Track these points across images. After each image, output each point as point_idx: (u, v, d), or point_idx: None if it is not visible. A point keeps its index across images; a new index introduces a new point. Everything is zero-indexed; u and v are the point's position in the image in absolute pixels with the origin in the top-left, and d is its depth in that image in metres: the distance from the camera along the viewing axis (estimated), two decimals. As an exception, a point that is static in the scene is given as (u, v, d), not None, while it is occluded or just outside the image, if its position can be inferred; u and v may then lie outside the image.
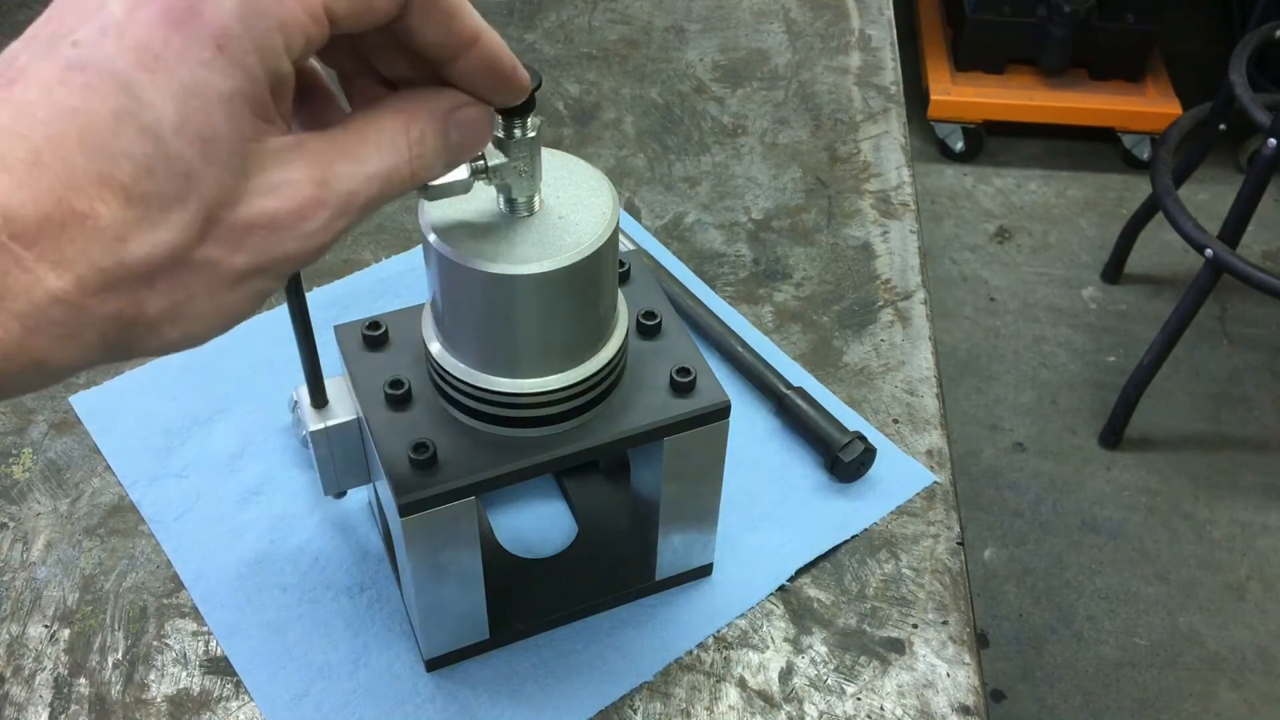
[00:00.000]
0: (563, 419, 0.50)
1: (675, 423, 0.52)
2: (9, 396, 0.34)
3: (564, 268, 0.45)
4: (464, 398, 0.49)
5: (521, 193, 0.46)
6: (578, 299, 0.47)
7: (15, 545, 0.63)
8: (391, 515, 0.51)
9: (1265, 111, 1.78)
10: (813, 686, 0.58)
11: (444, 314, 0.48)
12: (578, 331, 0.48)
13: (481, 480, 0.49)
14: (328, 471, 0.55)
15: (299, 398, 0.54)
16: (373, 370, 0.52)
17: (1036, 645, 1.74)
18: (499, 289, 0.45)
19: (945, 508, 0.67)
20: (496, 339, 0.47)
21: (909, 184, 0.89)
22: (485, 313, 0.46)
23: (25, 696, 0.57)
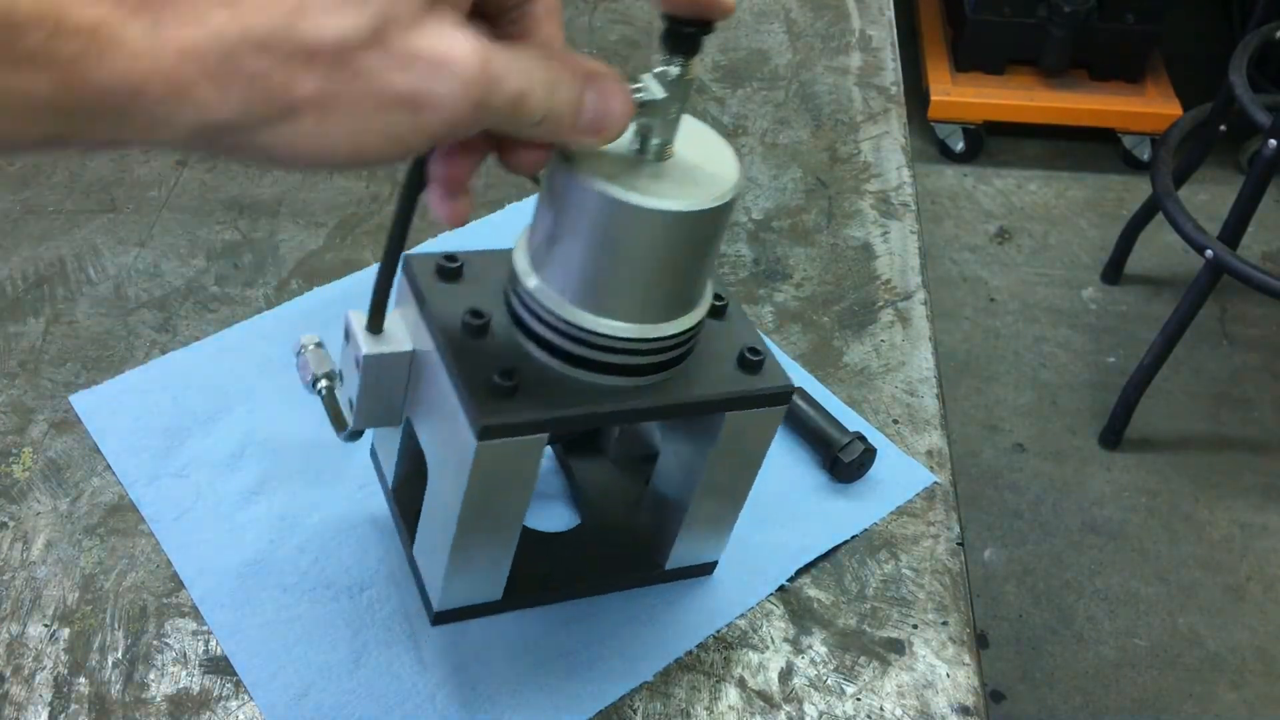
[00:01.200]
0: (642, 372, 0.50)
1: (742, 397, 0.52)
2: (129, 138, 0.35)
3: (703, 210, 0.45)
4: (554, 334, 0.49)
5: (662, 134, 0.46)
6: (699, 249, 0.47)
7: (15, 544, 0.63)
8: (453, 445, 0.49)
9: (1265, 112, 1.78)
10: (812, 687, 0.58)
11: (554, 246, 0.48)
12: (686, 283, 0.49)
13: (563, 417, 0.49)
14: (366, 403, 0.53)
15: (352, 321, 0.53)
16: (448, 300, 0.51)
17: (1036, 646, 1.74)
18: (633, 223, 0.45)
19: (945, 508, 0.67)
20: (611, 276, 0.47)
21: (909, 184, 0.89)
22: (607, 247, 0.46)
23: (25, 696, 0.57)
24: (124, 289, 0.79)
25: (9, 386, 0.72)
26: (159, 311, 0.77)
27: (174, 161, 0.90)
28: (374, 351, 0.52)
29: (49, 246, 0.82)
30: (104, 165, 0.90)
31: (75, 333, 0.76)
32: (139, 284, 0.79)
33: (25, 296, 0.78)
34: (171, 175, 0.89)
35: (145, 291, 0.79)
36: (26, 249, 0.82)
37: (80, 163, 0.90)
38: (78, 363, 0.73)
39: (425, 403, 0.52)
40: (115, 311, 0.77)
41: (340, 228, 0.85)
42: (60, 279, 0.80)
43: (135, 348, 0.75)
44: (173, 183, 0.88)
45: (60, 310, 0.77)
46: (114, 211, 0.85)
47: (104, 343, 0.75)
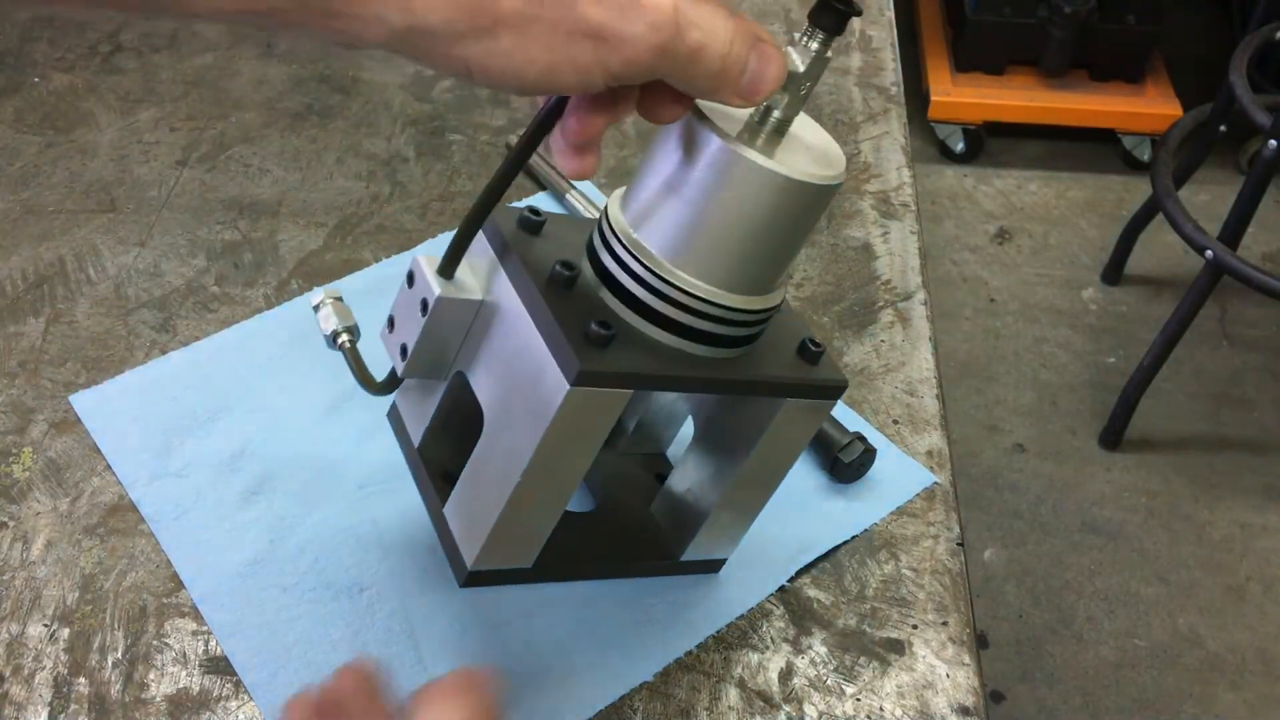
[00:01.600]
0: (723, 343, 0.51)
1: (804, 385, 0.53)
2: (338, 28, 0.39)
3: (816, 184, 0.47)
4: (647, 292, 0.49)
5: (786, 110, 0.47)
6: (799, 224, 0.48)
7: (15, 544, 0.63)
8: (532, 394, 0.49)
9: (1265, 113, 1.78)
10: (812, 687, 0.58)
11: (661, 203, 0.48)
12: (780, 259, 0.50)
13: (654, 374, 0.49)
14: (422, 350, 0.53)
15: (423, 264, 0.52)
16: (533, 252, 0.51)
17: (1036, 646, 1.74)
18: (751, 182, 0.46)
19: (945, 508, 0.67)
20: (716, 236, 0.47)
21: (909, 185, 0.89)
22: (719, 205, 0.47)
23: (25, 696, 0.57)
24: (124, 289, 0.79)
25: (9, 386, 0.72)
26: (159, 311, 0.77)
27: (174, 162, 0.90)
28: (447, 294, 0.51)
29: (49, 246, 0.82)
30: (104, 166, 0.90)
31: (75, 333, 0.76)
32: (139, 284, 0.79)
33: (25, 296, 0.78)
34: (171, 175, 0.89)
35: (145, 291, 0.79)
36: (26, 249, 0.82)
37: (80, 163, 0.90)
38: (78, 363, 0.73)
39: (494, 354, 0.52)
40: (115, 311, 0.77)
41: (340, 227, 0.85)
42: (60, 279, 0.80)
43: (135, 348, 0.75)
44: (173, 183, 0.88)
45: (60, 310, 0.77)
46: (114, 211, 0.85)
47: (104, 343, 0.75)
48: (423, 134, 0.94)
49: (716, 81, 0.43)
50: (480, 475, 0.54)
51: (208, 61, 1.01)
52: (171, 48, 1.03)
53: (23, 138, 0.92)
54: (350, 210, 0.86)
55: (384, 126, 0.94)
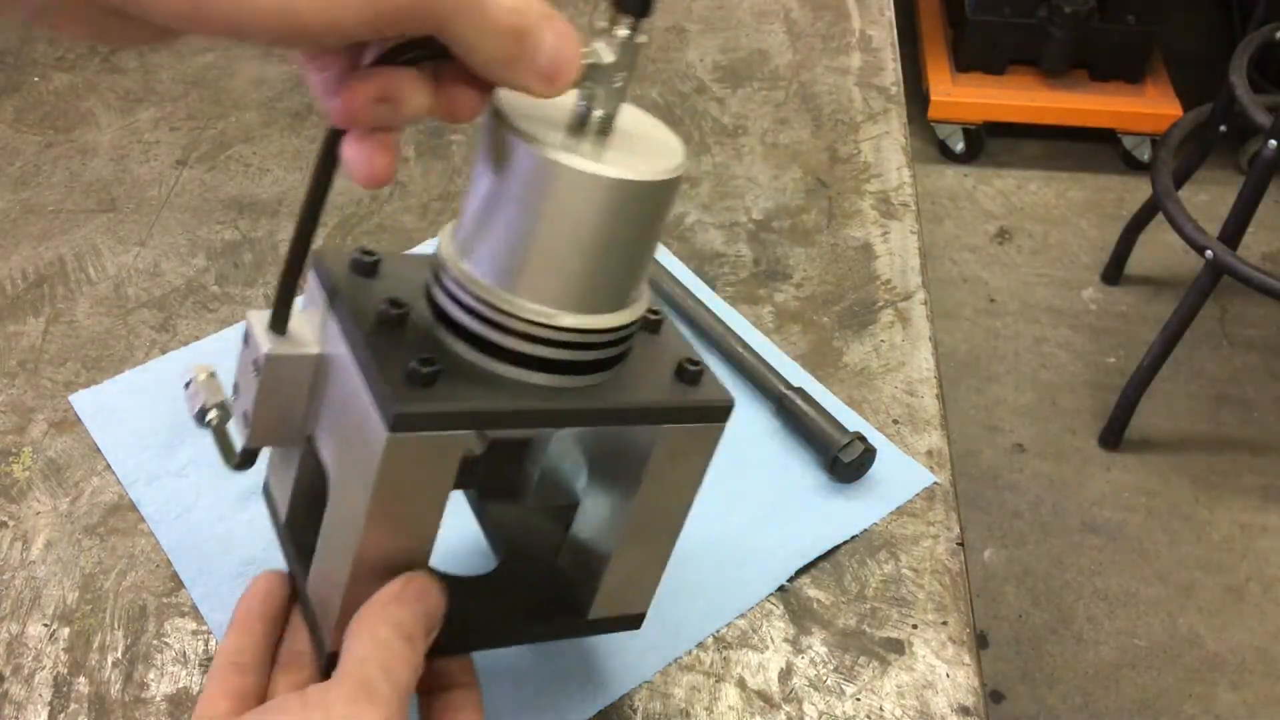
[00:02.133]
0: (571, 370, 0.46)
1: (680, 408, 0.48)
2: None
3: (643, 182, 0.42)
4: (476, 321, 0.45)
5: (606, 106, 0.43)
6: (635, 230, 0.44)
7: (15, 544, 0.63)
8: (359, 448, 0.44)
9: (1266, 113, 1.78)
10: (812, 687, 0.58)
11: (481, 224, 0.44)
12: (619, 271, 0.45)
13: (486, 411, 0.44)
14: (263, 414, 0.48)
15: (253, 321, 0.47)
16: (363, 295, 0.46)
17: (1036, 646, 1.74)
18: (568, 189, 0.41)
19: (945, 508, 0.67)
20: (538, 251, 0.43)
21: (909, 184, 0.89)
22: (536, 217, 0.42)
23: (25, 695, 0.57)
24: (124, 288, 0.79)
25: (9, 386, 0.72)
26: (159, 311, 0.77)
27: (174, 161, 0.90)
28: (277, 351, 0.46)
29: (49, 246, 0.82)
30: (104, 165, 0.90)
31: (75, 332, 0.76)
32: (139, 283, 0.79)
33: (25, 296, 0.78)
34: (171, 175, 0.89)
35: (145, 291, 0.79)
36: (26, 248, 0.82)
37: (80, 162, 0.90)
38: (77, 362, 0.73)
39: (331, 410, 0.47)
40: (115, 311, 0.77)
41: (340, 227, 0.85)
42: (60, 278, 0.80)
43: (135, 347, 0.75)
44: (172, 182, 0.88)
45: (60, 310, 0.77)
46: (114, 211, 0.85)
47: (104, 342, 0.75)
48: (423, 134, 0.94)
49: (512, 47, 0.38)
50: (328, 547, 0.49)
51: (208, 61, 1.01)
52: (171, 47, 1.03)
53: (23, 137, 0.92)
54: (350, 210, 0.86)
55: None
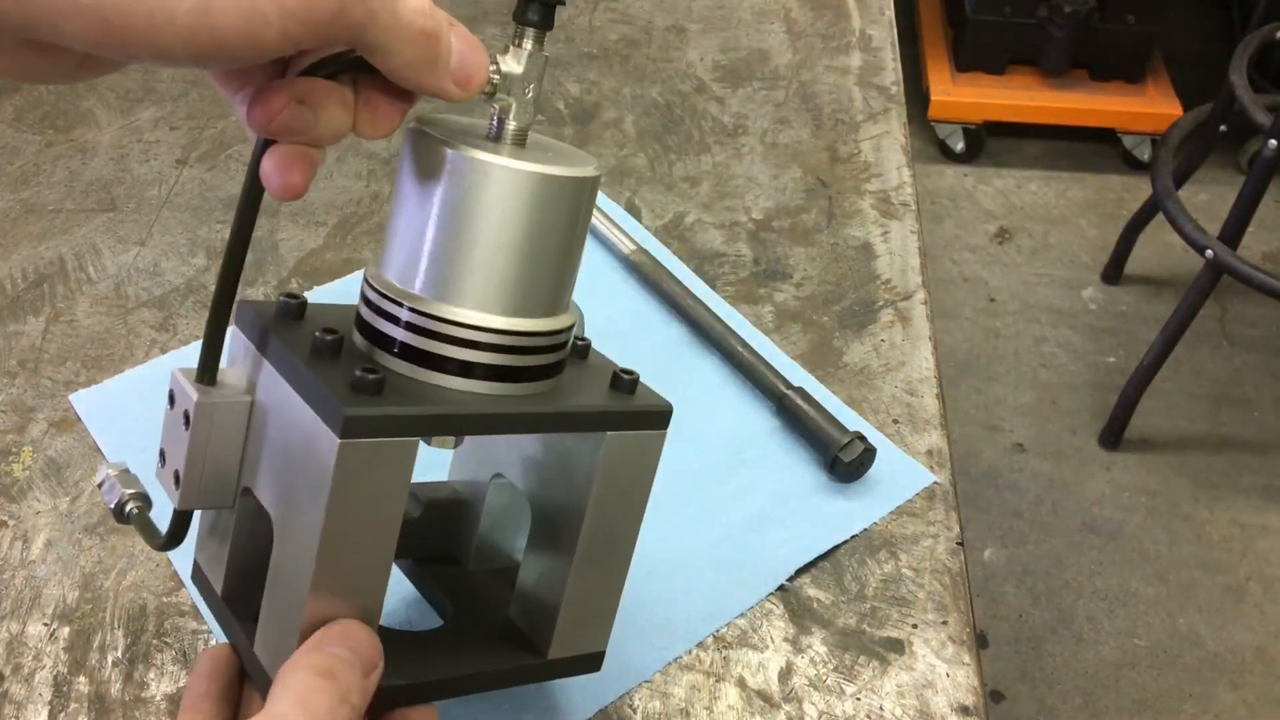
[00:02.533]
0: (512, 376, 0.46)
1: (622, 413, 0.49)
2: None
3: (562, 177, 0.44)
4: (407, 332, 0.45)
5: (519, 119, 0.45)
6: (554, 229, 0.45)
7: (15, 543, 0.63)
8: (308, 470, 0.44)
9: (1266, 113, 1.78)
10: (812, 686, 0.58)
11: (404, 235, 0.45)
12: (543, 272, 0.46)
13: (434, 415, 0.44)
14: (194, 472, 0.47)
15: (179, 377, 0.47)
16: (293, 334, 0.46)
17: (1036, 646, 1.74)
18: (490, 186, 0.43)
19: (945, 508, 0.67)
20: (463, 252, 0.44)
21: (909, 184, 0.89)
22: (458, 217, 0.44)
23: (25, 695, 0.57)
24: (124, 288, 0.79)
25: (9, 385, 0.72)
26: (159, 310, 0.77)
27: (174, 161, 0.90)
28: (207, 400, 0.46)
29: (49, 245, 0.82)
30: (104, 165, 0.90)
31: (75, 331, 0.76)
32: (139, 283, 0.79)
33: (25, 295, 0.78)
34: (171, 174, 0.89)
35: (145, 290, 0.79)
36: (26, 248, 0.82)
37: (80, 162, 0.90)
38: (77, 362, 0.73)
39: (271, 451, 0.46)
40: (115, 310, 0.77)
41: (340, 227, 0.85)
42: (60, 278, 0.80)
43: (135, 347, 0.75)
44: (172, 182, 0.88)
45: (60, 309, 0.77)
46: (114, 210, 0.85)
47: (104, 342, 0.75)
48: (423, 133, 0.94)
49: (422, 52, 0.39)
50: (276, 599, 0.47)
51: (208, 60, 1.01)
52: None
53: (23, 137, 0.92)
54: (350, 209, 0.86)
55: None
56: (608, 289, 0.80)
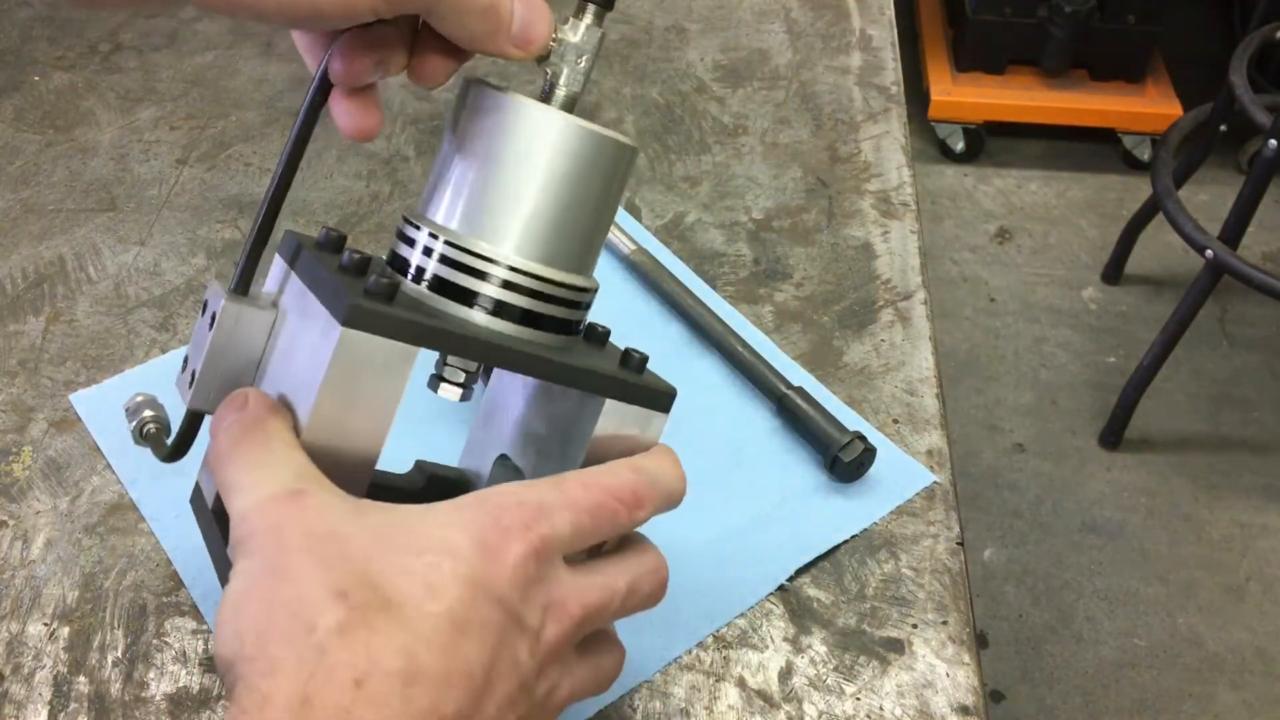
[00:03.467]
0: (526, 320, 0.47)
1: (624, 382, 0.49)
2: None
3: (623, 143, 0.47)
4: (433, 260, 0.46)
5: (569, 85, 0.47)
6: (609, 186, 0.48)
7: (15, 543, 0.63)
8: (310, 360, 0.44)
9: (1266, 113, 1.78)
10: (812, 686, 0.58)
11: (446, 175, 0.47)
12: (572, 225, 0.47)
13: (438, 330, 0.45)
14: (210, 372, 0.47)
15: (214, 283, 0.48)
16: (327, 259, 0.47)
17: (1036, 646, 1.74)
18: (534, 132, 0.45)
19: (945, 508, 0.67)
20: (516, 198, 0.46)
21: (909, 184, 0.89)
22: (500, 158, 0.46)
23: (25, 694, 0.57)
24: (124, 288, 0.79)
25: (9, 385, 0.72)
26: (159, 310, 0.77)
27: (174, 160, 0.90)
28: (234, 305, 0.47)
29: (49, 245, 0.82)
30: (104, 165, 0.90)
31: (75, 331, 0.76)
32: (139, 283, 0.79)
33: (25, 295, 0.78)
34: (171, 174, 0.89)
35: (145, 290, 0.79)
36: (26, 247, 0.82)
37: (81, 161, 0.90)
38: (77, 361, 0.73)
39: (280, 356, 0.47)
40: (115, 310, 0.77)
41: (340, 226, 0.85)
42: (60, 278, 0.80)
43: (135, 346, 0.75)
44: (172, 181, 0.88)
45: (60, 309, 0.77)
46: (114, 210, 0.85)
47: (104, 341, 0.75)
48: (422, 133, 0.94)
49: (488, 22, 0.42)
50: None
51: (208, 60, 1.01)
52: (171, 46, 1.03)
53: (23, 136, 0.93)
54: (350, 209, 0.86)
55: (384, 125, 0.94)
56: (608, 289, 0.79)
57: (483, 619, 0.40)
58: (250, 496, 0.42)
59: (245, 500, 0.42)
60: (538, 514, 0.43)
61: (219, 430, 0.45)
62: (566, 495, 0.44)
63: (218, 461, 0.44)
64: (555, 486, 0.45)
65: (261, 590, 0.40)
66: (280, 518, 0.41)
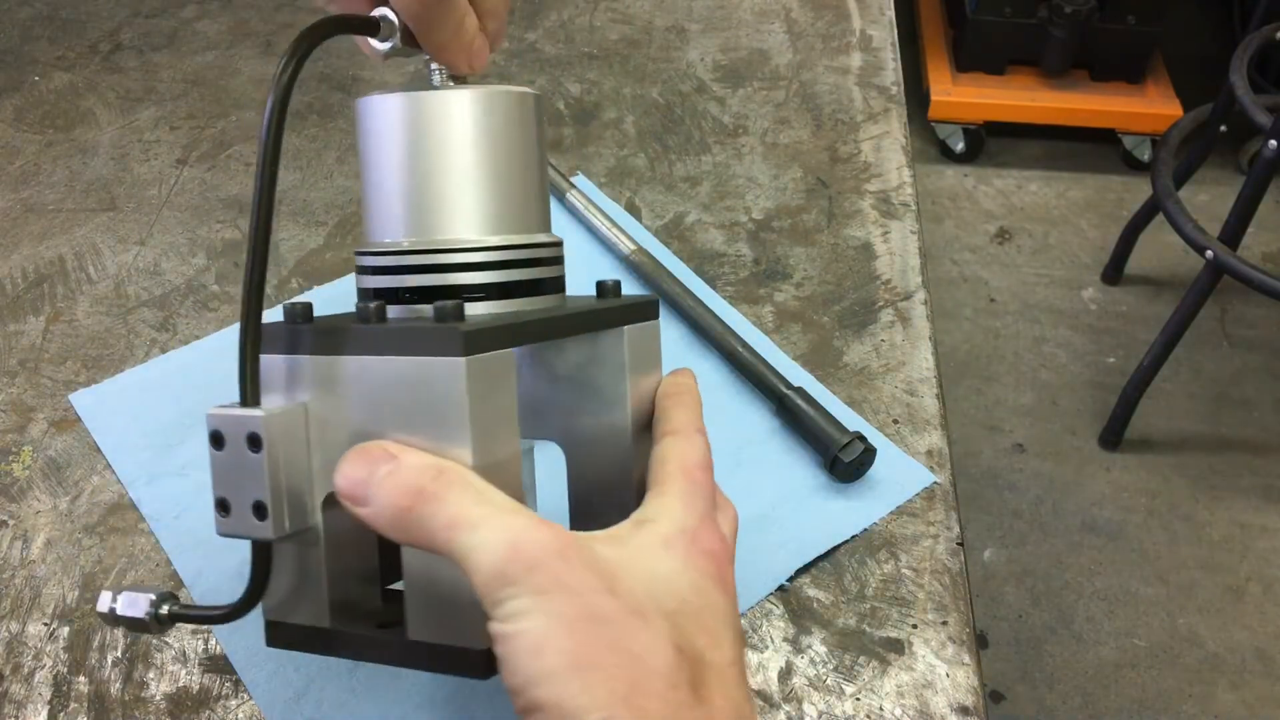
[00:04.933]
0: (543, 289, 0.49)
1: (630, 306, 0.51)
2: None
3: (520, 92, 0.48)
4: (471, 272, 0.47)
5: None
6: (525, 135, 0.49)
7: (15, 543, 0.63)
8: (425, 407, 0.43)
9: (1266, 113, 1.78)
10: (812, 686, 0.58)
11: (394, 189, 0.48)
12: (529, 179, 0.49)
13: (526, 322, 0.46)
14: (280, 493, 0.44)
15: (219, 411, 0.45)
16: (336, 326, 0.46)
17: (1036, 646, 1.74)
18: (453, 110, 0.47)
19: (945, 508, 0.67)
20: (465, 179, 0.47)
21: (909, 184, 0.89)
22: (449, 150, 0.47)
23: (25, 694, 0.57)
24: (124, 287, 0.79)
25: (9, 385, 0.72)
26: (159, 310, 0.77)
27: (174, 160, 0.90)
28: (274, 413, 0.44)
29: (49, 245, 0.82)
30: (104, 164, 0.90)
31: (75, 331, 0.76)
32: (139, 282, 0.79)
33: (25, 295, 0.78)
34: (171, 174, 0.89)
35: (145, 290, 0.79)
36: (26, 247, 0.82)
37: (81, 161, 0.90)
38: (77, 361, 0.73)
39: (351, 438, 0.45)
40: (115, 310, 0.77)
41: (340, 226, 0.85)
42: (60, 277, 0.80)
43: (135, 346, 0.75)
44: (173, 181, 0.88)
45: (60, 309, 0.77)
46: (114, 210, 0.85)
47: (104, 341, 0.75)
48: (423, 133, 0.94)
49: (458, 33, 0.47)
50: (427, 556, 0.44)
51: (208, 60, 1.01)
52: (171, 46, 1.03)
53: (23, 136, 0.93)
54: (351, 209, 0.86)
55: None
56: (608, 289, 0.80)
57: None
58: (499, 527, 0.40)
59: (498, 532, 0.40)
60: (725, 539, 0.47)
61: (384, 483, 0.42)
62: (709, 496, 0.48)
63: (421, 502, 0.41)
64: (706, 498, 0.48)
65: (597, 639, 0.39)
66: (559, 550, 0.40)
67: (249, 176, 0.89)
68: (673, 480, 0.47)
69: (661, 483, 0.47)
